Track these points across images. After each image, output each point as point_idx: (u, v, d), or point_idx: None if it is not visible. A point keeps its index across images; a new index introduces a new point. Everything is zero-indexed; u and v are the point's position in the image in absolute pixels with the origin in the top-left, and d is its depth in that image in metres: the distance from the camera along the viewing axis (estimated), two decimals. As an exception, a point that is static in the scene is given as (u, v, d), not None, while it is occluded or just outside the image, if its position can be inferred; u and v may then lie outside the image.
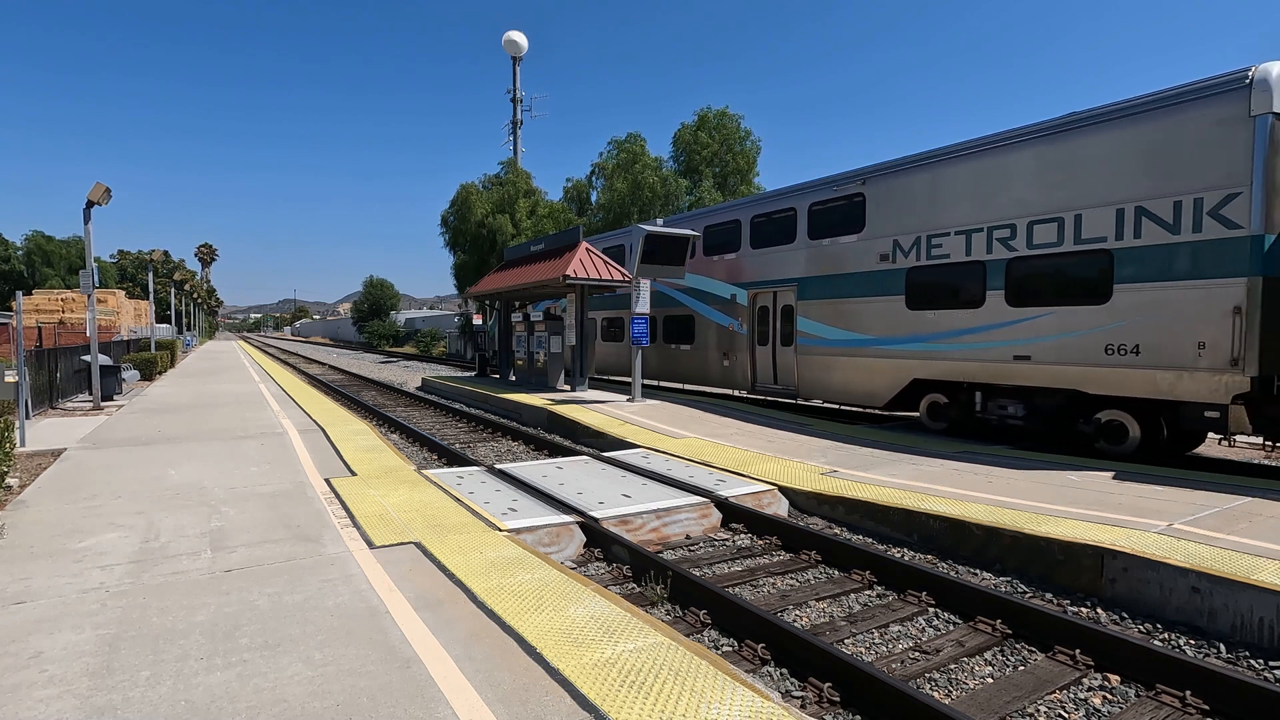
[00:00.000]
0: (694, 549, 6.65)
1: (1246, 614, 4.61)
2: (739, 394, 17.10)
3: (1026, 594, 5.49)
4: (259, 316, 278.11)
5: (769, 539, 6.79)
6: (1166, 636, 4.76)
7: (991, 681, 4.23)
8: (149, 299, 36.51)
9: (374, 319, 75.61)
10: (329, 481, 7.65)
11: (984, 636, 4.77)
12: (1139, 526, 5.85)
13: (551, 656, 3.60)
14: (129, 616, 4.11)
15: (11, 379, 10.47)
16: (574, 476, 8.49)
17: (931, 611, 5.22)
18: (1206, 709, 3.86)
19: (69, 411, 14.31)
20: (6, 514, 6.28)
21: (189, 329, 65.01)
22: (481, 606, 4.25)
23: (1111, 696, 4.06)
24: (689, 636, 4.67)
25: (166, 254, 73.90)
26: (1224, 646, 4.56)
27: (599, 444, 11.44)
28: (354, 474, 8.07)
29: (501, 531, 5.98)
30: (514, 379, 20.59)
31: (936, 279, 11.32)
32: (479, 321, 30.21)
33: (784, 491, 7.95)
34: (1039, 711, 3.92)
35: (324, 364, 39.49)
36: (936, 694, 4.10)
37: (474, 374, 25.51)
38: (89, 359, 15.24)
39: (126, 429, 11.54)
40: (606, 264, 16.50)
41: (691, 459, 9.41)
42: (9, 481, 7.48)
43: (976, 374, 10.76)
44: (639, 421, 12.52)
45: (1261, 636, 4.55)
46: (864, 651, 4.62)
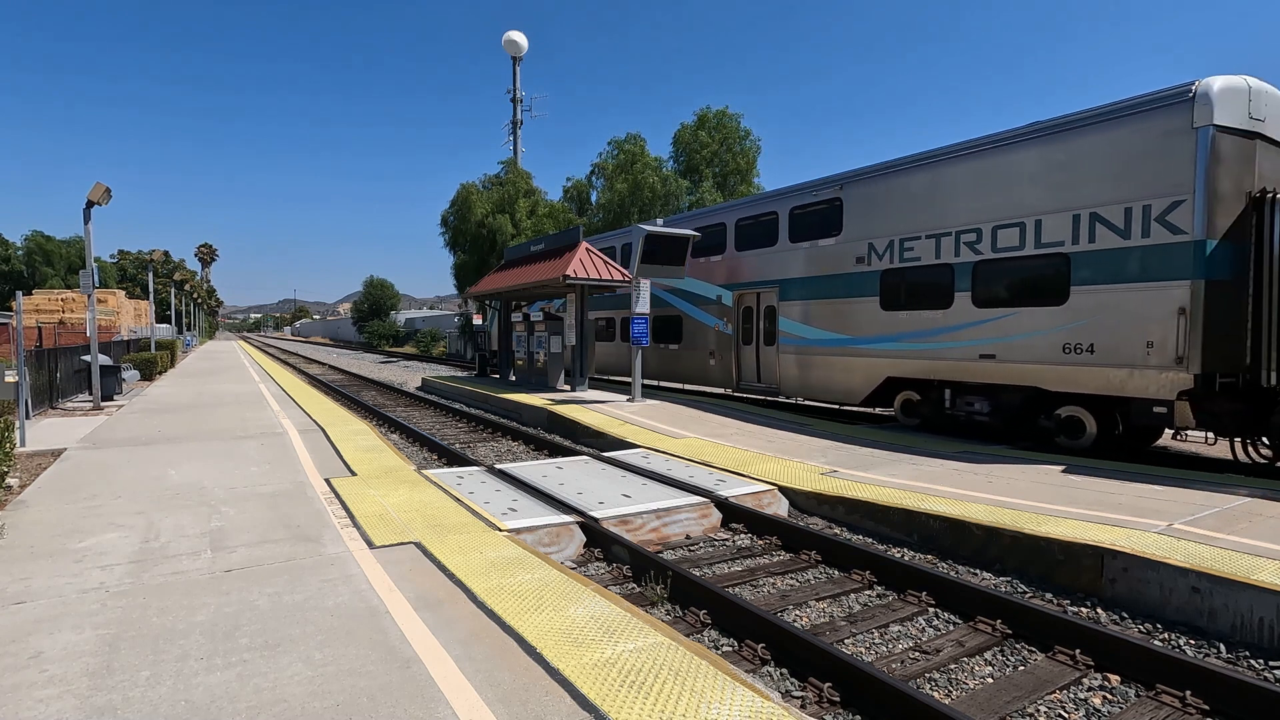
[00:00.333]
0: (694, 549, 6.65)
1: (1246, 614, 4.61)
2: (731, 393, 17.24)
3: (1026, 594, 5.49)
4: (259, 316, 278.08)
5: (769, 539, 6.79)
6: (1166, 636, 4.76)
7: (991, 681, 4.23)
8: (149, 299, 36.52)
9: (374, 319, 75.64)
10: (329, 481, 7.65)
11: (984, 636, 4.77)
12: (1139, 526, 5.85)
13: (551, 656, 3.60)
14: (129, 616, 4.11)
15: (11, 379, 10.48)
16: (574, 476, 8.49)
17: (931, 611, 5.22)
18: (1206, 709, 3.86)
19: (69, 411, 14.31)
20: (6, 514, 6.28)
21: (189, 329, 65.01)
22: (481, 606, 4.25)
23: (1111, 696, 4.06)
24: (689, 636, 4.67)
25: (166, 254, 73.89)
26: (1224, 646, 4.56)
27: (599, 444, 11.44)
28: (354, 474, 8.07)
29: (501, 531, 5.98)
30: (514, 379, 20.59)
31: (908, 281, 11.62)
32: (479, 321, 30.23)
33: (784, 491, 7.95)
34: (1039, 711, 3.92)
35: (324, 364, 39.50)
36: (936, 694, 4.10)
37: (474, 374, 25.52)
38: (89, 359, 15.25)
39: (126, 429, 11.55)
40: (606, 264, 16.51)
41: (691, 459, 9.41)
42: (9, 481, 7.49)
43: (945, 372, 11.04)
44: (639, 421, 12.52)
45: (1261, 636, 4.55)
46: (864, 651, 4.62)
